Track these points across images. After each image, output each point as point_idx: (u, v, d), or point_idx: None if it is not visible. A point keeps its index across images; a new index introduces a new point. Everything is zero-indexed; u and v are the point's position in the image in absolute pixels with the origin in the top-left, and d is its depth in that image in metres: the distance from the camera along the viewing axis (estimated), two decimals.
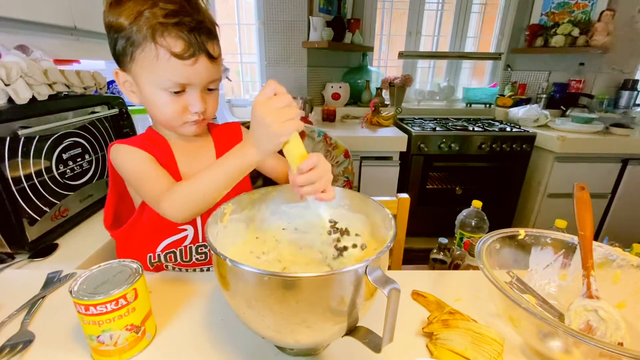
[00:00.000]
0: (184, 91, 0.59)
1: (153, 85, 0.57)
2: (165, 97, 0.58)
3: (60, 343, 0.50)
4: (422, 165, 2.12)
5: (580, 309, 0.51)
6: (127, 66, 0.58)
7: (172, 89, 0.57)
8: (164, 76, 0.55)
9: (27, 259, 0.77)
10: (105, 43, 0.61)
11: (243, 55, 2.54)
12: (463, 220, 1.05)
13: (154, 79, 0.56)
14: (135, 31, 0.53)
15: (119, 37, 0.55)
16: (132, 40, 0.54)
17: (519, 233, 0.61)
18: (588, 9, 2.35)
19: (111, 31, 0.56)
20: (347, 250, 0.49)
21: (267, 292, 0.37)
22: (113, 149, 0.64)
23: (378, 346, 0.39)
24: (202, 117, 0.62)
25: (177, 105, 0.59)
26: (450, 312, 0.54)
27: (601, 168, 2.04)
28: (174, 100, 0.59)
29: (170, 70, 0.55)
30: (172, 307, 0.58)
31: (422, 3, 2.50)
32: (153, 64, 0.55)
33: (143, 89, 0.59)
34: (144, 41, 0.53)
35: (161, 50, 0.53)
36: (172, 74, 0.55)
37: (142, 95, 0.60)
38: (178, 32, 0.53)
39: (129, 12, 0.53)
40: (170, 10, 0.53)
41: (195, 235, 0.70)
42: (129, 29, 0.53)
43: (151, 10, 0.52)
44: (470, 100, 2.61)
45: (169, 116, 0.61)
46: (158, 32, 0.52)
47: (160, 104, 0.59)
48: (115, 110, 1.07)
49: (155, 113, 0.62)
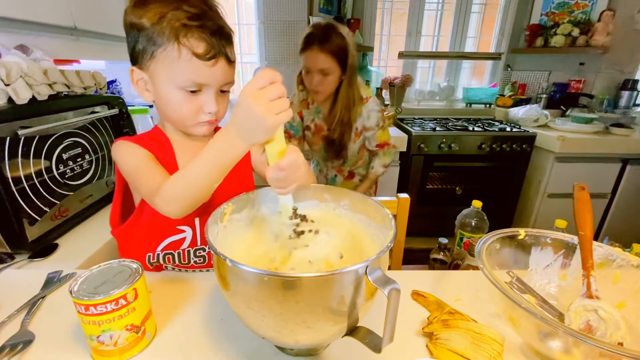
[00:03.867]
0: (199, 91, 0.60)
1: (171, 83, 0.58)
2: (181, 96, 0.59)
3: (60, 343, 0.50)
4: (422, 165, 2.12)
5: (580, 309, 0.51)
6: (146, 65, 0.59)
7: (190, 88, 0.59)
8: (183, 75, 0.57)
9: (27, 259, 0.77)
10: (105, 43, 0.61)
11: (243, 55, 2.54)
12: (463, 220, 1.05)
13: (172, 78, 0.58)
14: (159, 31, 0.55)
15: (141, 36, 0.56)
16: (155, 40, 0.55)
17: (519, 233, 0.61)
18: (588, 9, 2.35)
19: (133, 30, 0.57)
20: (303, 234, 0.54)
21: (267, 292, 0.37)
22: (115, 146, 0.65)
23: (378, 346, 0.39)
24: (214, 117, 0.63)
25: (192, 105, 0.60)
26: (450, 312, 0.54)
27: (601, 168, 2.04)
28: (189, 99, 0.60)
29: (191, 70, 0.57)
30: (172, 307, 0.58)
31: (422, 3, 2.50)
32: (174, 63, 0.56)
33: (159, 87, 0.60)
34: (167, 41, 0.55)
35: (184, 50, 0.55)
36: (192, 74, 0.57)
37: (157, 94, 0.61)
38: (201, 34, 0.56)
39: (153, 13, 0.55)
40: (194, 14, 0.55)
41: (194, 238, 0.70)
42: (151, 29, 0.55)
43: (175, 12, 0.55)
44: (470, 100, 2.61)
45: (184, 115, 0.62)
46: (182, 33, 0.55)
47: (176, 103, 0.60)
48: (115, 110, 1.07)
49: (169, 112, 0.63)
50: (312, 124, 1.45)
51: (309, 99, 1.41)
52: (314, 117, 1.43)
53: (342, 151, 1.41)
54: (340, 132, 1.36)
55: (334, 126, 1.36)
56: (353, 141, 1.41)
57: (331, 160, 1.49)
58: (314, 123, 1.44)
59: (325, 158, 1.51)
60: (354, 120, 1.36)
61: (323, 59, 1.21)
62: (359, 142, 1.43)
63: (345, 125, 1.35)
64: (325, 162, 1.54)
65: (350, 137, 1.39)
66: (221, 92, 0.63)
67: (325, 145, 1.44)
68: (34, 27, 1.00)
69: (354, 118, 1.36)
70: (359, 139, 1.42)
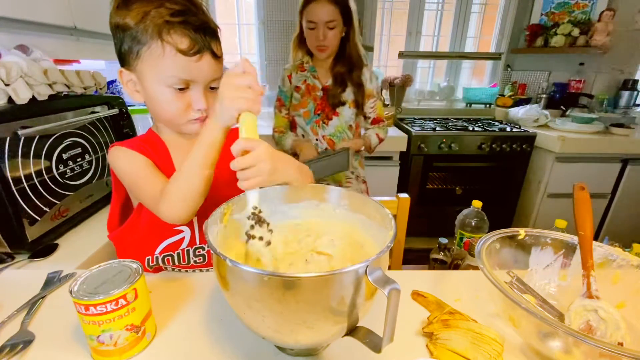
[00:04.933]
0: (187, 88, 0.60)
1: (158, 82, 0.58)
2: (169, 94, 0.59)
3: (60, 343, 0.50)
4: (422, 165, 2.12)
5: (580, 309, 0.51)
6: (132, 65, 0.59)
7: (177, 86, 0.58)
8: (169, 72, 0.57)
9: (27, 259, 0.77)
10: (105, 43, 0.61)
11: (243, 55, 2.54)
12: (463, 220, 1.05)
13: (159, 76, 0.58)
14: (142, 30, 0.55)
15: (126, 37, 0.56)
16: (139, 39, 0.56)
17: (519, 233, 0.61)
18: (588, 9, 2.36)
19: (118, 31, 0.57)
20: (252, 239, 0.48)
21: (267, 292, 0.37)
22: (111, 152, 0.64)
23: (378, 346, 0.39)
24: (204, 114, 0.63)
25: (180, 103, 0.60)
26: (450, 312, 0.54)
27: (601, 168, 2.04)
28: (178, 97, 0.60)
29: (176, 67, 0.57)
30: (172, 307, 0.58)
31: (422, 3, 2.50)
32: (159, 61, 0.56)
33: (147, 87, 0.59)
34: (150, 39, 0.55)
35: (167, 47, 0.55)
36: (177, 70, 0.57)
37: (146, 94, 0.61)
38: (184, 30, 0.56)
39: (136, 12, 0.55)
40: (176, 10, 0.55)
41: (192, 237, 0.70)
42: (135, 28, 0.55)
43: (157, 10, 0.55)
44: (470, 100, 2.61)
45: (173, 114, 0.61)
46: (164, 30, 0.55)
47: (165, 101, 0.60)
48: (115, 110, 1.07)
49: (158, 111, 0.63)
50: (303, 85, 1.40)
51: (305, 60, 1.40)
52: (307, 78, 1.40)
53: (338, 106, 1.38)
54: (341, 88, 1.36)
55: (336, 82, 1.35)
56: (348, 105, 1.38)
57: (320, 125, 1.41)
58: (305, 84, 1.40)
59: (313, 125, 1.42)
60: (359, 79, 1.35)
61: (330, 10, 1.22)
62: (352, 110, 1.40)
63: (349, 81, 1.35)
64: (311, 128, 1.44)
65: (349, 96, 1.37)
66: (210, 88, 0.63)
67: (320, 102, 1.40)
68: (34, 27, 1.00)
69: (359, 77, 1.35)
70: (353, 107, 1.40)
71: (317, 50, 1.30)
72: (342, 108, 1.38)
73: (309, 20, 1.25)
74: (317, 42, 1.27)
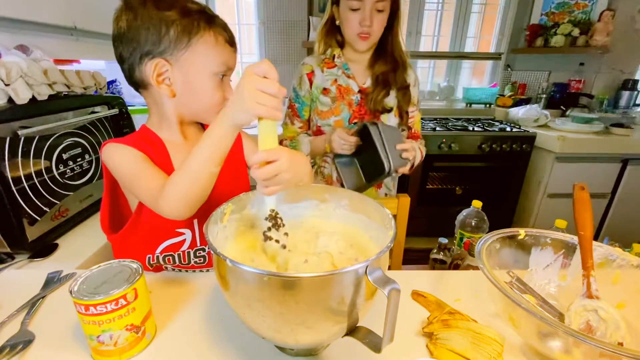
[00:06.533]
0: (225, 76, 0.65)
1: (203, 70, 0.62)
2: (213, 83, 0.63)
3: (60, 343, 0.50)
4: (422, 165, 2.12)
5: (580, 309, 0.51)
6: (176, 55, 0.60)
7: (223, 73, 0.64)
8: (219, 59, 0.62)
9: (27, 259, 0.77)
10: (105, 43, 0.61)
11: (243, 55, 2.54)
12: (463, 220, 1.05)
13: (209, 64, 0.62)
14: (191, 21, 0.59)
15: (172, 27, 0.58)
16: (190, 29, 0.59)
17: (519, 233, 0.61)
18: (588, 9, 2.35)
19: (161, 23, 0.58)
20: (270, 240, 0.50)
21: (267, 292, 0.37)
22: (105, 149, 0.62)
23: (378, 346, 0.39)
24: None
25: (221, 92, 0.64)
26: (450, 312, 0.54)
27: (601, 168, 2.04)
28: (219, 86, 0.64)
29: (225, 55, 0.63)
30: (172, 307, 0.58)
31: (422, 3, 2.50)
32: (211, 49, 0.61)
33: (192, 76, 0.62)
34: (203, 30, 0.60)
35: (219, 37, 0.62)
36: (226, 58, 0.63)
37: (188, 82, 0.62)
38: (219, 23, 0.63)
39: (180, 8, 0.59)
40: (203, 8, 0.62)
41: (193, 239, 0.70)
42: (184, 20, 0.59)
43: (191, 6, 0.61)
44: (470, 100, 2.61)
45: (216, 102, 0.64)
46: (211, 22, 0.61)
47: (207, 89, 0.63)
48: (115, 110, 1.07)
49: (196, 100, 0.64)
50: (334, 87, 1.08)
51: (336, 52, 1.09)
52: (337, 77, 1.08)
53: (381, 114, 1.08)
54: (385, 91, 1.06)
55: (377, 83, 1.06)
56: (394, 114, 1.08)
57: None
58: (336, 85, 1.08)
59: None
60: (404, 81, 1.08)
61: None
62: (396, 120, 1.11)
63: (392, 83, 1.07)
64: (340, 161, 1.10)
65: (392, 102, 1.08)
66: None
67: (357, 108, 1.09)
68: (34, 27, 1.00)
69: (404, 78, 1.09)
70: (398, 116, 1.11)
71: (358, 39, 1.00)
72: (385, 116, 1.09)
73: (350, 2, 0.97)
74: (361, 27, 0.98)
